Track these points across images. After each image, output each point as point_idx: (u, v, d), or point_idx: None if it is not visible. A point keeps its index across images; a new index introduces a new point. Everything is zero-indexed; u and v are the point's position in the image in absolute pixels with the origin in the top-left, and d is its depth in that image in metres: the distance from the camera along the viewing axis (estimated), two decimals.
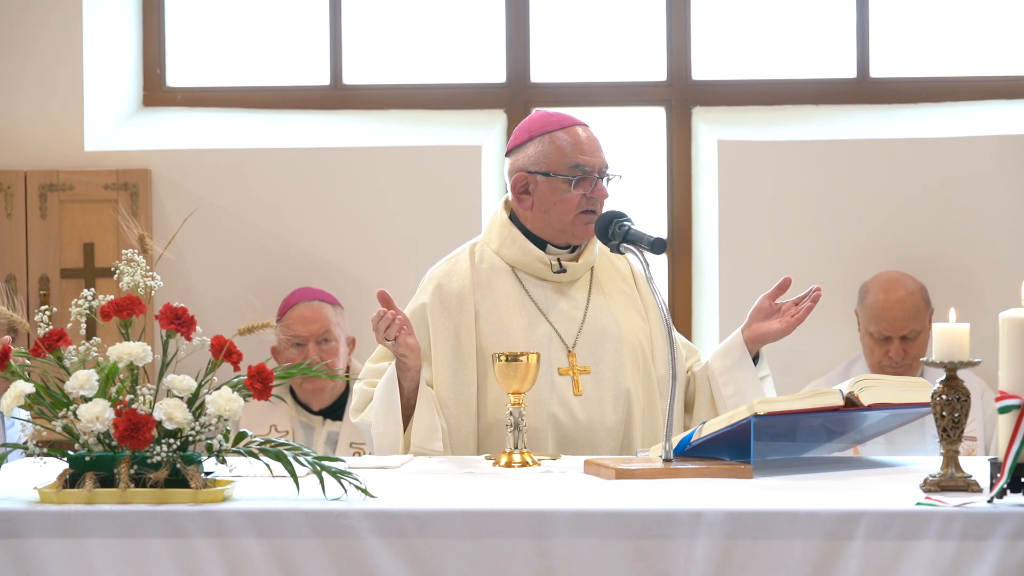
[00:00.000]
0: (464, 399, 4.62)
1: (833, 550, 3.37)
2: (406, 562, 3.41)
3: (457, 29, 7.66)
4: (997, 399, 3.46)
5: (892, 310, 6.69)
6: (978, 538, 3.34)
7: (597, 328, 4.68)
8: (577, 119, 4.75)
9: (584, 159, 4.65)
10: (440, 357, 4.64)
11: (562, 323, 4.67)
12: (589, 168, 4.65)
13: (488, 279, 4.72)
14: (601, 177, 4.65)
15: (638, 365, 4.68)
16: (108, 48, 7.46)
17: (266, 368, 3.59)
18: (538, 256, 4.70)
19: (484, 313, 4.68)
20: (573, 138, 4.68)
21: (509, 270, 4.73)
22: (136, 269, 3.72)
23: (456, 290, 4.70)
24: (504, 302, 4.68)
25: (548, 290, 4.71)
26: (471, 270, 4.73)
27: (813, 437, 4.23)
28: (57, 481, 3.55)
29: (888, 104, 7.51)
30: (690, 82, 7.56)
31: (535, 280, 4.72)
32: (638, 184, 7.57)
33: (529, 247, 4.71)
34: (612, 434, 4.62)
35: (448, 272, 4.75)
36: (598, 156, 4.67)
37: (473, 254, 4.77)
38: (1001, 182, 7.22)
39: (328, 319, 6.77)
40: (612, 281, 4.77)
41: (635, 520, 3.41)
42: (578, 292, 4.73)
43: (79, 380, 3.56)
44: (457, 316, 4.67)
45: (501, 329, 4.64)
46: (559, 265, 4.70)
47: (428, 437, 4.53)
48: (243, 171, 7.34)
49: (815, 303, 4.55)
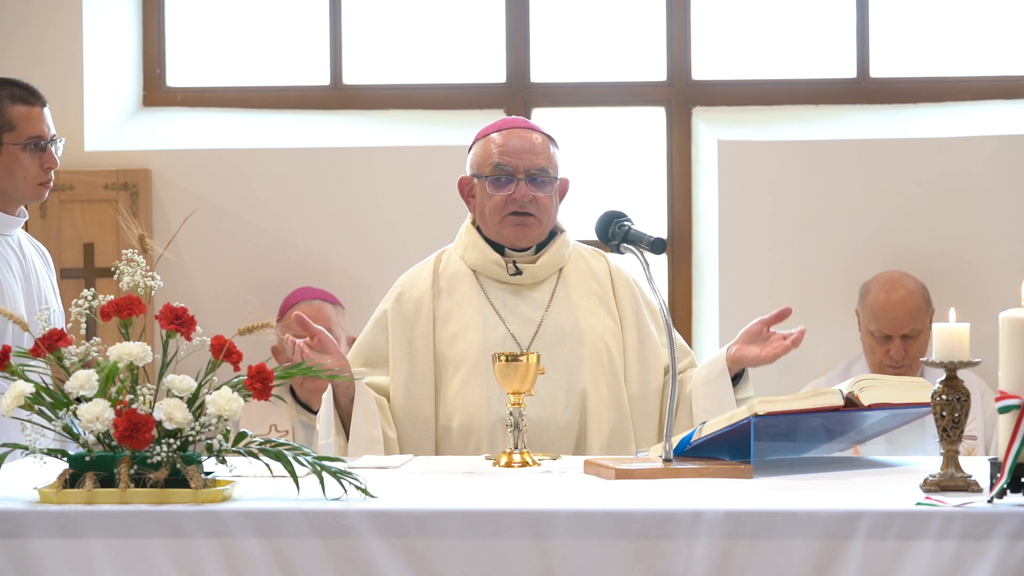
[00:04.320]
0: (418, 404, 4.67)
1: (833, 550, 3.37)
2: (406, 562, 3.41)
3: (457, 29, 7.66)
4: (997, 399, 3.46)
5: (893, 309, 6.70)
6: (978, 538, 3.34)
7: (554, 329, 4.70)
8: (525, 123, 4.78)
9: (506, 160, 4.67)
10: (396, 363, 4.71)
11: (518, 325, 4.70)
12: (511, 169, 4.66)
13: (449, 285, 4.77)
14: (526, 179, 4.64)
15: (600, 365, 4.68)
16: (108, 48, 7.46)
17: (266, 368, 3.59)
18: (494, 259, 4.73)
19: (442, 318, 4.73)
20: (501, 142, 4.70)
21: (471, 274, 4.77)
22: (136, 269, 3.71)
23: (416, 297, 4.76)
24: (462, 307, 4.73)
25: (507, 293, 4.74)
26: (432, 276, 4.79)
27: (813, 437, 4.23)
28: (57, 481, 3.54)
29: (888, 104, 7.51)
30: (690, 82, 7.56)
31: (495, 283, 4.75)
32: (638, 184, 7.58)
33: (487, 250, 4.74)
34: (564, 433, 4.65)
35: (411, 279, 4.82)
36: (523, 157, 4.66)
37: (439, 260, 4.84)
38: (1001, 182, 7.22)
39: (329, 318, 6.78)
40: (583, 282, 4.78)
41: (635, 520, 3.41)
42: (540, 294, 4.75)
43: (79, 380, 3.55)
44: (414, 322, 4.73)
45: (458, 333, 4.70)
46: (515, 268, 4.72)
47: (367, 449, 4.57)
48: (243, 171, 7.34)
49: (795, 345, 4.55)
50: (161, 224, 7.18)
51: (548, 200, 4.68)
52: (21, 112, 4.84)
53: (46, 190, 4.91)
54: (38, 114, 4.87)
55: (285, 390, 6.73)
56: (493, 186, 4.67)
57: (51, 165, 4.86)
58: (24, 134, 4.83)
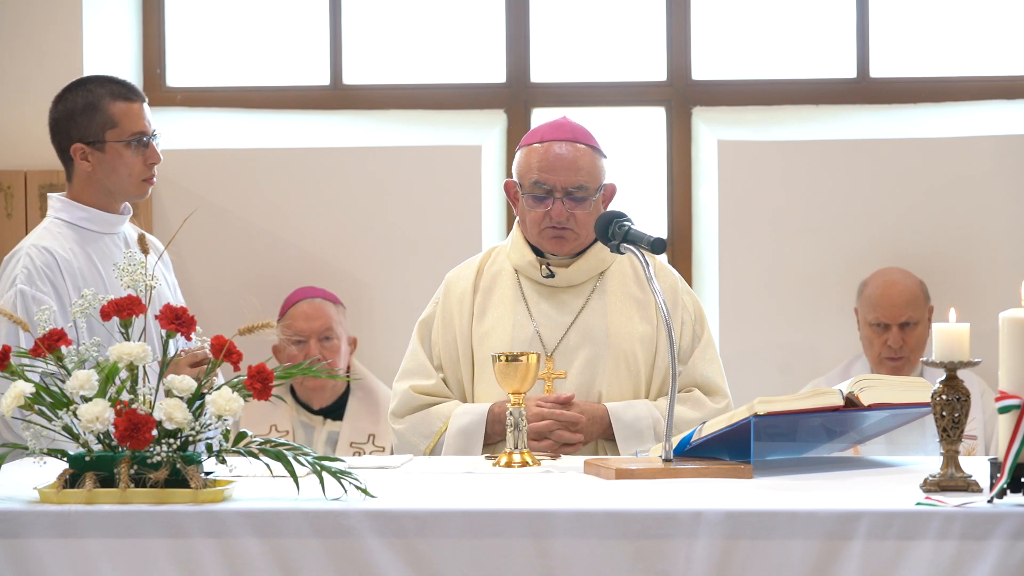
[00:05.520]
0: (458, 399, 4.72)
1: (833, 550, 3.37)
2: (406, 562, 3.41)
3: (457, 29, 7.66)
4: (997, 399, 3.46)
5: (890, 297, 6.76)
6: (978, 538, 3.34)
7: (582, 334, 4.70)
8: (569, 131, 4.71)
9: (544, 176, 4.65)
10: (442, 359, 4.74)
11: (547, 327, 4.70)
12: (548, 187, 4.65)
13: (492, 282, 4.79)
14: (564, 196, 4.64)
15: (622, 370, 4.67)
16: (108, 48, 7.46)
17: (266, 368, 3.59)
18: (531, 260, 4.73)
19: (479, 314, 4.75)
20: (541, 155, 4.67)
21: (513, 273, 4.78)
22: (136, 269, 3.71)
23: (459, 292, 4.78)
24: (499, 305, 4.74)
25: (543, 294, 4.75)
26: (477, 273, 4.80)
27: (813, 437, 4.23)
28: (57, 481, 3.54)
29: (888, 104, 7.51)
30: (690, 82, 7.56)
31: (533, 284, 4.76)
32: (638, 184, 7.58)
33: (526, 251, 4.74)
34: None
35: (457, 275, 4.84)
36: (561, 175, 4.64)
37: (488, 257, 4.85)
38: (1001, 182, 7.22)
39: (330, 317, 6.78)
40: (624, 286, 4.77)
41: (635, 520, 3.41)
42: (575, 298, 4.74)
43: (79, 380, 3.55)
44: (458, 318, 4.74)
45: (490, 331, 4.71)
46: (548, 270, 4.72)
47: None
48: (243, 171, 7.34)
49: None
50: (161, 224, 7.18)
51: (586, 216, 4.66)
52: (122, 109, 4.79)
53: (149, 186, 4.86)
54: (138, 110, 4.82)
55: (285, 390, 6.72)
56: (531, 201, 4.66)
57: (155, 160, 4.82)
58: (127, 131, 4.77)
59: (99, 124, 4.77)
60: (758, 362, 7.16)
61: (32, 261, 4.70)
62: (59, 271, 4.69)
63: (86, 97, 4.79)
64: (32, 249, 4.73)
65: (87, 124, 4.77)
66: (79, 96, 4.80)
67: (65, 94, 4.83)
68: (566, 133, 4.71)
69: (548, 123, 4.76)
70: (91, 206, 4.83)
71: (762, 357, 7.18)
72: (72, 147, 4.78)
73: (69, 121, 4.80)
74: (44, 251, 4.72)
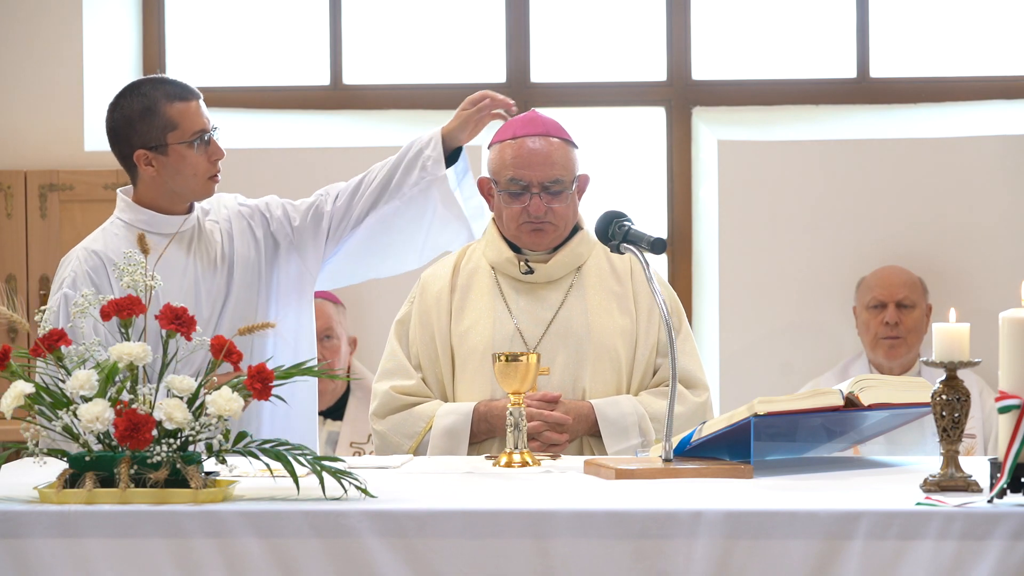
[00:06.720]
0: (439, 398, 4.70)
1: (833, 550, 3.37)
2: (406, 562, 3.41)
3: (457, 29, 7.67)
4: (997, 399, 3.46)
5: (888, 277, 6.90)
6: (978, 538, 3.34)
7: (563, 329, 4.69)
8: (540, 126, 4.70)
9: (520, 172, 4.65)
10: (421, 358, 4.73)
11: (528, 323, 4.70)
12: (525, 183, 4.65)
13: (469, 280, 4.77)
14: (541, 191, 4.63)
15: (605, 364, 4.67)
16: (108, 48, 7.46)
17: (266, 368, 3.59)
18: (508, 257, 4.73)
19: (458, 313, 4.74)
20: (515, 150, 4.67)
21: (490, 271, 4.77)
22: (136, 269, 3.71)
23: (436, 291, 4.77)
24: (477, 302, 4.74)
25: (522, 291, 4.74)
26: (453, 271, 4.79)
27: (813, 437, 4.23)
28: (57, 481, 3.54)
29: (888, 104, 7.51)
30: (690, 82, 7.57)
31: (511, 281, 4.75)
32: (638, 184, 7.58)
33: (503, 248, 4.74)
34: None
35: (432, 273, 4.83)
36: (536, 170, 4.64)
37: (462, 255, 4.83)
38: (1001, 182, 7.22)
39: (330, 316, 6.77)
40: (602, 281, 4.76)
41: (635, 520, 3.41)
42: (554, 293, 4.74)
43: (79, 380, 3.55)
44: (436, 317, 4.73)
45: (469, 329, 4.70)
46: (527, 266, 4.71)
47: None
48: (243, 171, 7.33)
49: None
50: None
51: (564, 208, 4.67)
52: (180, 109, 4.73)
53: (215, 184, 4.81)
54: (196, 108, 4.76)
55: None
56: (508, 198, 4.66)
57: (218, 156, 4.76)
58: (187, 131, 4.71)
59: (159, 128, 4.69)
60: (758, 362, 7.16)
61: (80, 265, 4.68)
62: (105, 274, 4.67)
63: (142, 102, 4.70)
64: (82, 252, 4.72)
65: (147, 129, 4.69)
66: (135, 101, 4.71)
67: (120, 100, 4.74)
68: (538, 127, 4.71)
69: (518, 118, 4.76)
70: (157, 209, 4.77)
71: (762, 357, 7.18)
72: (135, 154, 4.70)
73: (128, 128, 4.70)
74: (93, 254, 4.70)
